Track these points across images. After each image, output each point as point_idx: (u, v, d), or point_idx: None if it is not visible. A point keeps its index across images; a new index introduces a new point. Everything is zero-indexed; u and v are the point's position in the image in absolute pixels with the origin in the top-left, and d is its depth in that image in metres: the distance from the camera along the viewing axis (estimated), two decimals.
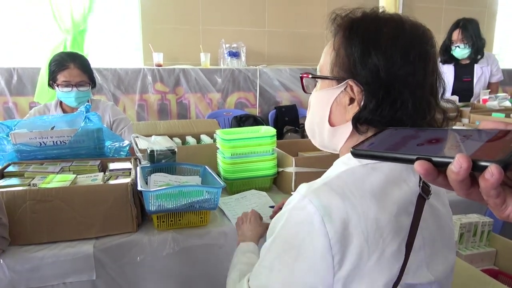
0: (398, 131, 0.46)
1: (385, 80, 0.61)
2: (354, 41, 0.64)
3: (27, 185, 1.11)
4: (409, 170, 0.65)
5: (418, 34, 0.65)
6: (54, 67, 1.86)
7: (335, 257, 0.56)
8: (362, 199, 0.58)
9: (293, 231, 0.60)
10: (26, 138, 1.32)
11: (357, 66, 0.63)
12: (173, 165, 1.33)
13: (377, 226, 0.58)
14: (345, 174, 0.62)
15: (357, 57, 0.63)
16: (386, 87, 0.62)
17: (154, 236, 1.09)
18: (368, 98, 0.63)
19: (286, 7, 3.71)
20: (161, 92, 3.18)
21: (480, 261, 1.36)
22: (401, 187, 0.63)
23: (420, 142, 0.40)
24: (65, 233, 1.05)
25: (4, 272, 0.96)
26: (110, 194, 1.07)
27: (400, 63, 0.62)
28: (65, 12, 2.94)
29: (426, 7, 4.01)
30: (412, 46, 0.63)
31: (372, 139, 0.44)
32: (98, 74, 2.99)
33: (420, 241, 0.63)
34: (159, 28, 3.37)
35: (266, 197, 1.37)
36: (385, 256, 0.58)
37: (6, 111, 2.88)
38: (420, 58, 0.63)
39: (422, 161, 0.35)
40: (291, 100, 3.55)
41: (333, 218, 0.56)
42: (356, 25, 0.65)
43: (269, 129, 1.47)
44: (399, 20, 0.65)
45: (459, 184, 0.34)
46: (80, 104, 1.88)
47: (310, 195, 0.58)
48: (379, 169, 0.63)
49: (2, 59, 3.04)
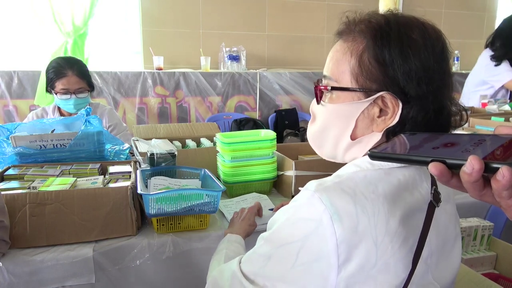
0: (414, 135, 0.47)
1: (422, 90, 0.60)
2: (386, 48, 0.60)
3: (27, 188, 1.11)
4: (422, 177, 0.64)
5: (438, 37, 0.64)
6: (52, 74, 1.84)
7: (340, 257, 0.55)
8: (373, 202, 0.57)
9: (299, 225, 0.58)
10: (26, 141, 1.32)
11: (393, 76, 0.60)
12: (173, 168, 1.33)
13: (387, 230, 0.56)
14: (357, 176, 0.60)
15: (393, 67, 0.60)
16: (425, 97, 0.60)
17: (154, 239, 1.09)
18: (406, 110, 0.60)
19: (286, 11, 3.72)
20: (161, 96, 3.19)
21: (480, 265, 1.36)
22: (413, 194, 0.61)
23: (435, 145, 0.42)
24: (65, 236, 1.05)
25: (4, 275, 0.96)
26: (110, 197, 1.07)
27: (436, 70, 0.61)
28: (66, 16, 2.95)
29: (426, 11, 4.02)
30: (440, 51, 0.62)
31: (389, 143, 0.46)
32: (98, 77, 3.00)
33: (428, 249, 0.62)
34: (159, 32, 3.38)
35: (267, 200, 1.37)
36: (393, 261, 0.57)
37: (6, 114, 2.88)
38: (444, 62, 0.62)
39: (437, 162, 0.36)
40: (291, 104, 3.56)
41: (342, 218, 0.55)
42: (385, 32, 0.61)
43: (269, 133, 1.47)
44: (420, 24, 0.63)
45: (472, 186, 0.35)
46: (78, 110, 1.87)
47: (320, 192, 0.57)
48: (392, 174, 0.61)
49: (3, 62, 3.05)
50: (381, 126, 0.62)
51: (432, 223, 0.62)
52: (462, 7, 4.26)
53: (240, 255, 0.72)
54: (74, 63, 1.89)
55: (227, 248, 0.90)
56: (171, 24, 3.41)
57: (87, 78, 1.91)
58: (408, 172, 0.62)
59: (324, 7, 3.79)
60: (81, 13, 2.98)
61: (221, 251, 0.90)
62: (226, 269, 0.72)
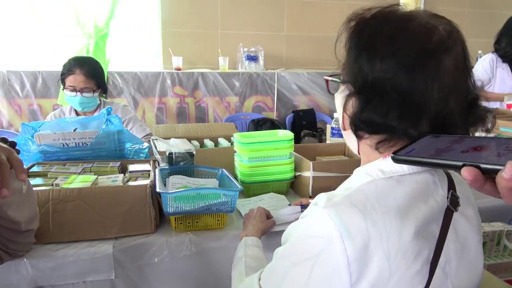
0: (438, 138, 0.45)
1: (373, 84, 0.58)
2: (352, 42, 0.62)
3: (50, 185, 1.14)
4: (437, 182, 0.62)
5: (423, 32, 0.57)
6: (63, 71, 1.94)
7: (352, 275, 0.54)
8: (385, 216, 0.55)
9: (309, 243, 0.57)
10: (50, 139, 1.36)
11: (349, 69, 0.62)
12: (191, 167, 1.34)
13: (400, 245, 0.55)
14: (367, 187, 0.58)
15: (351, 60, 0.62)
16: (377, 92, 0.58)
17: (172, 237, 1.10)
18: (359, 103, 0.60)
19: (305, 11, 3.70)
20: (180, 96, 3.23)
21: (503, 271, 1.32)
22: (427, 202, 0.59)
23: (464, 149, 0.40)
24: (86, 233, 1.07)
25: (28, 270, 0.99)
26: (130, 195, 1.09)
27: (392, 67, 0.57)
28: (88, 18, 3.02)
29: (448, 10, 3.94)
30: (409, 47, 0.57)
31: (412, 146, 0.44)
32: (119, 77, 3.06)
33: (445, 256, 0.60)
34: (178, 33, 3.42)
35: (284, 200, 1.36)
36: (408, 276, 0.55)
37: (31, 113, 2.97)
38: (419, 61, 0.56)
39: (470, 167, 0.35)
40: (309, 104, 3.54)
41: (352, 235, 0.54)
42: (359, 27, 0.62)
43: (287, 133, 1.47)
44: (408, 17, 0.59)
45: (509, 192, 0.33)
46: (85, 109, 1.97)
47: (329, 209, 0.55)
48: (404, 182, 0.59)
49: (29, 62, 3.14)
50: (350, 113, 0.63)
51: (449, 229, 0.60)
52: (486, 6, 4.14)
53: (261, 267, 0.73)
54: (85, 63, 1.94)
55: (246, 254, 0.90)
56: (190, 25, 3.45)
57: (96, 78, 1.95)
58: (421, 178, 0.60)
59: (343, 6, 3.75)
60: (102, 15, 3.04)
61: (240, 259, 0.90)
62: (248, 286, 0.73)
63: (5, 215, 0.78)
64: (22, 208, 0.82)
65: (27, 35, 3.17)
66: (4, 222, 0.81)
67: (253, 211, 1.13)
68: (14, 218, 0.80)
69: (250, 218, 1.10)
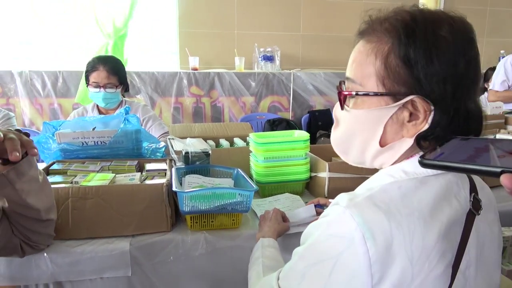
0: (466, 141, 0.43)
1: (453, 92, 0.55)
2: (412, 49, 0.55)
3: (69, 183, 1.17)
4: (459, 184, 0.60)
5: (468, 32, 0.58)
6: (87, 68, 2.02)
7: (374, 276, 0.53)
8: (408, 217, 0.54)
9: (330, 243, 0.56)
10: (70, 138, 1.39)
11: (422, 78, 0.55)
12: (207, 167, 1.35)
13: (424, 247, 0.54)
14: (390, 188, 0.57)
15: (421, 68, 0.55)
16: (456, 100, 0.56)
17: (187, 236, 1.11)
18: (439, 115, 0.56)
19: (321, 11, 3.68)
20: (196, 95, 3.25)
21: None
22: (451, 203, 0.58)
23: (500, 154, 0.38)
24: (103, 230, 1.09)
25: (47, 265, 1.01)
26: (147, 193, 1.10)
27: (464, 71, 0.56)
28: (107, 18, 3.08)
29: (469, 8, 3.84)
30: (469, 49, 0.56)
31: (441, 149, 0.42)
32: (136, 77, 3.10)
33: (466, 260, 0.58)
34: (195, 33, 3.45)
35: (300, 201, 1.36)
36: (430, 279, 0.54)
37: (51, 112, 3.04)
38: (474, 60, 0.57)
39: (510, 174, 0.33)
40: (325, 105, 3.52)
41: (375, 236, 0.53)
42: (411, 29, 0.56)
43: (303, 133, 1.46)
44: (449, 19, 0.57)
45: None
46: (108, 105, 2.02)
47: (352, 209, 0.54)
48: (427, 183, 0.58)
49: (50, 62, 3.22)
50: (412, 131, 0.58)
51: (471, 233, 0.58)
52: (509, 4, 4.03)
53: (278, 267, 0.72)
54: (107, 60, 2.03)
55: (263, 255, 0.90)
56: (206, 25, 3.47)
57: (119, 75, 2.03)
58: (444, 179, 0.59)
59: (360, 6, 3.71)
60: (121, 16, 3.09)
61: (257, 259, 0.90)
62: (266, 284, 0.72)
63: (25, 203, 0.84)
64: (40, 196, 0.88)
65: (48, 35, 3.25)
66: (25, 210, 0.86)
67: (268, 212, 1.12)
68: (34, 205, 0.86)
69: (266, 219, 1.09)
